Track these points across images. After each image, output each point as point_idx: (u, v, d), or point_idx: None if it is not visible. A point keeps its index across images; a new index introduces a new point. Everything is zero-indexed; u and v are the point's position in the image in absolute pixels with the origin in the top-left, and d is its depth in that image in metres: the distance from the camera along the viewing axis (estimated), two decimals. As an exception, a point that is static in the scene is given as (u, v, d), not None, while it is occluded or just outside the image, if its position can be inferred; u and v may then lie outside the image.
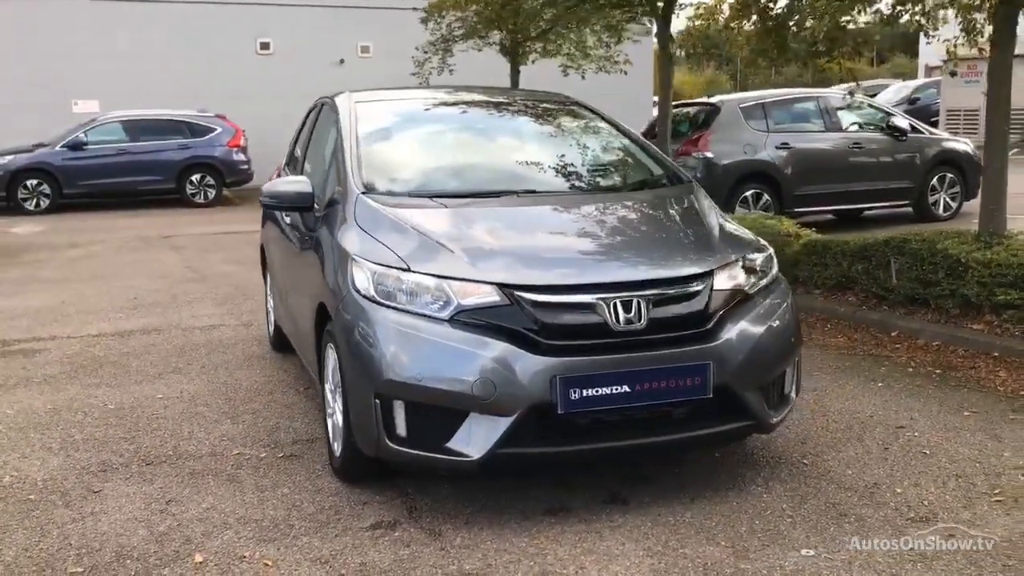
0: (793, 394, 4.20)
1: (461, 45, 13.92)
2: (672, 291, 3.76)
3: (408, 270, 3.76)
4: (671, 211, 4.47)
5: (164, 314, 8.13)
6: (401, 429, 3.65)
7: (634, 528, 3.65)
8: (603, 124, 5.33)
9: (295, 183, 4.80)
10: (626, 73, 13.50)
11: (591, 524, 3.69)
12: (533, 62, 13.73)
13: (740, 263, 4.07)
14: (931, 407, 5.06)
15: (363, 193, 4.33)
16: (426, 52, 13.93)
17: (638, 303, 3.66)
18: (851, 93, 9.77)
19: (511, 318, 3.60)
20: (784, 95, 12.17)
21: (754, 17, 7.38)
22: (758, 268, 4.15)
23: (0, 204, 16.88)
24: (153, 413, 5.27)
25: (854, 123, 12.01)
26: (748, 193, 11.21)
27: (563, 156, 4.96)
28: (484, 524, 3.71)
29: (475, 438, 3.55)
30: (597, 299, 3.64)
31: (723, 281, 3.91)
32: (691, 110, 12.47)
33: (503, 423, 3.53)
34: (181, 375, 6.09)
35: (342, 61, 21.50)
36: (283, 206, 4.87)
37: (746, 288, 3.99)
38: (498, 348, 3.54)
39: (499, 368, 3.52)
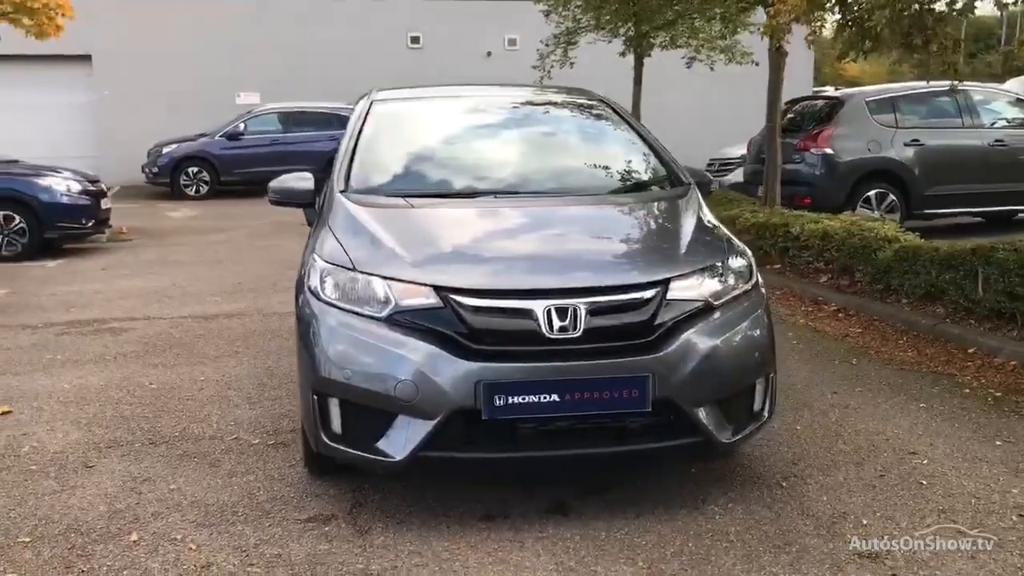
0: (765, 413, 3.94)
1: (588, 37, 13.80)
2: (613, 299, 3.61)
3: (353, 269, 3.80)
4: (647, 216, 4.30)
5: (256, 299, 8.54)
6: (336, 426, 3.69)
7: (560, 540, 3.55)
8: (617, 123, 5.16)
9: (297, 180, 4.95)
10: (757, 64, 13.00)
11: (519, 533, 3.62)
12: (650, 54, 13.41)
13: (707, 272, 3.87)
14: (962, 433, 4.64)
15: (342, 192, 4.41)
16: (548, 45, 13.89)
17: (574, 311, 3.55)
18: (953, 89, 9.02)
19: (443, 321, 3.57)
20: (917, 88, 11.36)
21: (836, 10, 6.93)
22: (730, 277, 3.93)
23: (164, 189, 18.20)
24: (187, 395, 5.56)
25: (999, 119, 11.11)
26: (871, 193, 10.61)
27: (559, 157, 4.87)
28: (415, 525, 3.70)
29: (401, 440, 3.55)
30: (529, 305, 3.55)
31: (681, 290, 3.72)
32: (817, 103, 11.90)
33: (427, 426, 3.51)
34: (234, 359, 6.39)
35: (489, 54, 21.80)
36: (288, 202, 5.01)
37: (710, 298, 3.79)
38: (424, 351, 3.52)
39: (423, 371, 3.50)
